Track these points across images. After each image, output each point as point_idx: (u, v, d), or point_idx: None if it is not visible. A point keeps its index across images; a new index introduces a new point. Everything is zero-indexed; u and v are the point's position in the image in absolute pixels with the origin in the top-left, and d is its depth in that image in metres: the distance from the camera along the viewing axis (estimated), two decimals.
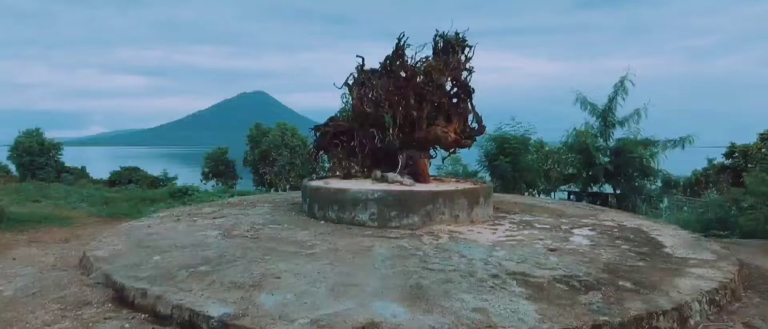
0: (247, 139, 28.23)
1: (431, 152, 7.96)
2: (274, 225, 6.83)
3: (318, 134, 8.56)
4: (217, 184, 28.43)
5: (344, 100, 8.54)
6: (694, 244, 6.20)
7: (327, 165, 9.76)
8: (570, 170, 12.52)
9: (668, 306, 3.83)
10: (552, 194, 16.41)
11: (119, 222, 8.76)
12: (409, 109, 7.47)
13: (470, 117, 7.75)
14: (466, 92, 7.38)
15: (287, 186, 27.11)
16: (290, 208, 8.49)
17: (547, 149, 14.76)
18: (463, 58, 7.42)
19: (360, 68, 8.16)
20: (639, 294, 4.10)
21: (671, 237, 6.49)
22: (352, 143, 8.07)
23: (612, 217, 8.06)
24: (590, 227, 6.92)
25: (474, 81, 7.79)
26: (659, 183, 11.67)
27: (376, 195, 6.63)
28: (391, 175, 7.60)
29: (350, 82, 8.28)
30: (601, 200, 11.51)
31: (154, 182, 25.10)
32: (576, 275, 4.57)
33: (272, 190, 27.28)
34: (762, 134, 16.76)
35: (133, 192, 18.51)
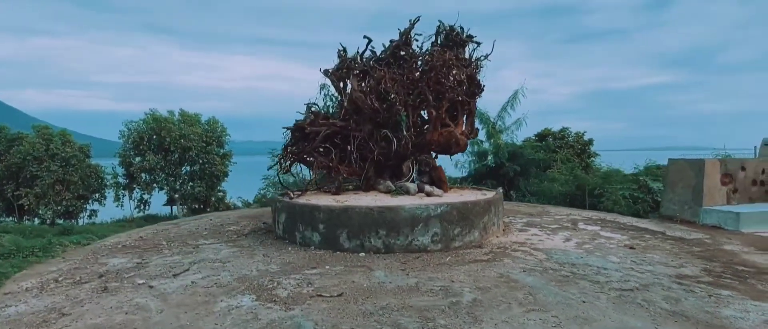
0: None
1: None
2: (312, 271, 4.63)
3: (296, 135, 6.30)
4: None
5: (324, 92, 6.60)
6: (657, 223, 7.43)
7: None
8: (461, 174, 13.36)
9: None
10: None
11: None
12: (427, 106, 6.32)
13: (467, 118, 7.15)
14: (478, 90, 6.75)
15: (57, 211, 19.82)
16: (258, 239, 5.99)
17: None
18: (471, 54, 6.76)
19: (359, 55, 6.42)
20: None
21: (634, 221, 7.61)
22: (347, 148, 6.28)
23: (559, 211, 8.90)
24: (584, 222, 7.43)
25: None
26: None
27: (439, 211, 5.32)
28: (410, 185, 6.28)
29: (334, 69, 6.41)
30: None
31: None
32: (713, 270, 4.74)
33: (35, 221, 19.47)
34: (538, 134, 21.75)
35: None
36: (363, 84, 6.42)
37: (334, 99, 6.90)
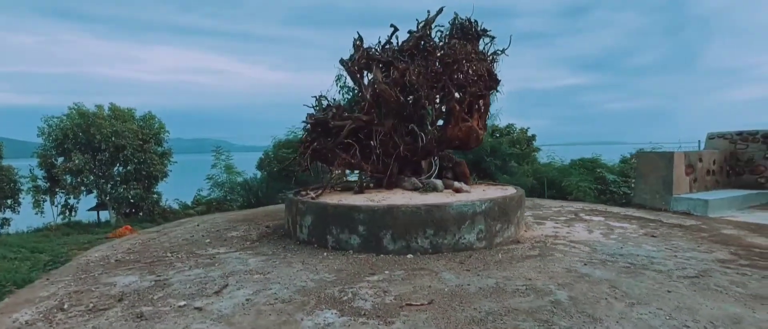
0: None
1: None
2: (374, 278, 4.25)
3: (318, 130, 5.74)
4: None
5: (340, 83, 6.12)
6: (644, 212, 7.94)
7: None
8: None
9: None
10: None
11: None
12: (451, 100, 6.11)
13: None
14: (495, 84, 6.67)
15: None
16: (278, 245, 5.41)
17: None
18: (486, 48, 6.66)
19: (381, 45, 5.99)
20: None
21: (623, 210, 8.08)
22: (371, 143, 5.88)
23: (549, 203, 9.21)
24: (583, 213, 7.72)
25: None
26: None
27: (484, 207, 5.16)
28: (437, 182, 6.05)
29: (352, 60, 5.95)
30: None
31: None
32: (738, 253, 5.09)
33: None
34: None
35: None
36: (405, 77, 6.04)
37: (353, 91, 6.44)
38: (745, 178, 10.67)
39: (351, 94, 6.42)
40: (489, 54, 6.63)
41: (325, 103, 6.26)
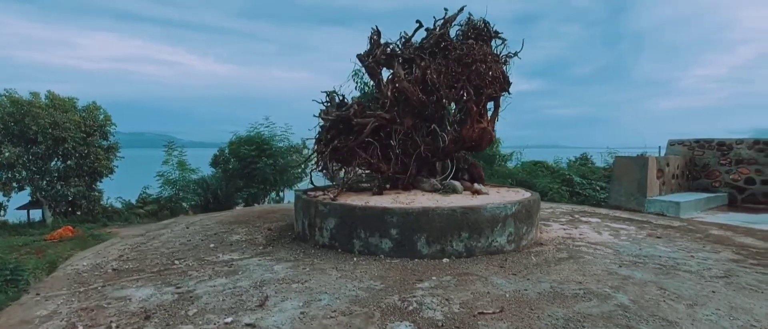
0: None
1: None
2: (424, 285, 4.03)
3: (339, 127, 5.37)
4: None
5: (358, 78, 5.81)
6: (629, 213, 8.34)
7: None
8: None
9: None
10: None
11: None
12: (468, 101, 6.01)
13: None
14: (508, 85, 6.65)
15: None
16: (298, 249, 5.02)
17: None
18: (499, 50, 6.63)
19: (404, 40, 5.72)
20: None
21: (612, 212, 8.45)
22: (390, 142, 5.63)
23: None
24: (578, 214, 7.96)
25: None
26: None
27: (513, 209, 5.10)
28: (457, 183, 5.93)
29: (371, 56, 5.66)
30: None
31: None
32: (741, 253, 5.42)
33: None
34: None
35: None
36: (426, 75, 5.82)
37: (366, 87, 6.16)
38: (701, 182, 11.60)
39: (362, 91, 6.13)
40: (502, 56, 6.62)
41: (337, 99, 5.93)
